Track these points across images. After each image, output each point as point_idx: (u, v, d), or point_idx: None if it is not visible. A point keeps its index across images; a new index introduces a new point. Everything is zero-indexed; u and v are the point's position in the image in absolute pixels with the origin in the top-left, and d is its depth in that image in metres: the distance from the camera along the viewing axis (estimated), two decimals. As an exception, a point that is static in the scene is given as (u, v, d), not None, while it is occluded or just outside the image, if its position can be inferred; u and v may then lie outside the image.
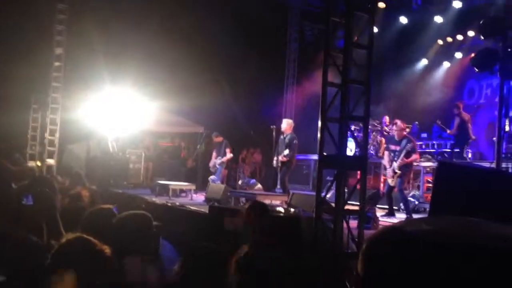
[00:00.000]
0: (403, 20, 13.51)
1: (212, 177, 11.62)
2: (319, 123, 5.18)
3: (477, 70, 7.18)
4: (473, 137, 11.47)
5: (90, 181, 9.98)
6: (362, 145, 5.41)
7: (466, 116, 11.41)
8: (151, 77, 13.00)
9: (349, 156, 5.98)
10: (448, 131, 11.88)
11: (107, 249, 2.25)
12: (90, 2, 12.98)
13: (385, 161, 9.07)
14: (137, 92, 12.87)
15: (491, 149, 11.78)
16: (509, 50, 6.58)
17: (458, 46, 14.11)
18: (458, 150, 11.38)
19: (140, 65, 12.70)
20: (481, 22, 6.91)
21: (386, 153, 9.08)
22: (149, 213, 3.45)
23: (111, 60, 12.59)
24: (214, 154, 11.97)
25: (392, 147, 8.86)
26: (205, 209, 7.55)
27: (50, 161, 12.91)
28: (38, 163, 12.66)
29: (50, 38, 13.05)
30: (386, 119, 12.96)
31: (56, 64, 13.17)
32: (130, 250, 3.04)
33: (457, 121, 11.35)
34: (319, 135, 5.18)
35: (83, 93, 12.63)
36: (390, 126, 12.19)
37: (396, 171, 8.52)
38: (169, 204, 8.70)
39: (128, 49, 12.96)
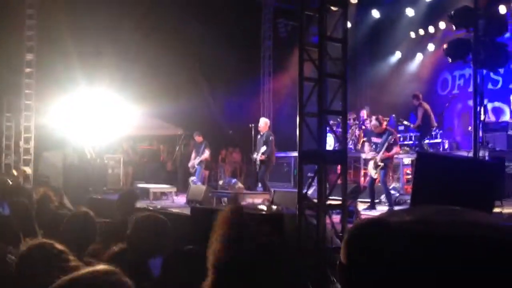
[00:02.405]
0: (376, 14, 13.63)
1: (192, 178, 11.55)
2: (298, 119, 5.17)
3: (450, 60, 7.26)
4: (435, 124, 11.37)
5: (68, 188, 9.82)
6: (341, 139, 5.42)
7: (426, 105, 11.30)
8: (127, 79, 12.82)
9: (329, 151, 5.99)
10: (412, 126, 11.63)
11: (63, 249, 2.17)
12: (61, 5, 12.71)
13: (366, 153, 9.11)
14: (113, 95, 12.69)
15: (467, 139, 11.97)
16: (481, 39, 6.67)
17: (430, 38, 14.31)
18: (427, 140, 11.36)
19: (116, 67, 12.52)
20: (452, 13, 6.99)
21: (366, 144, 9.12)
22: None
23: (85, 63, 12.37)
24: (193, 155, 11.91)
25: (374, 139, 8.91)
26: (187, 211, 7.48)
27: (27, 170, 12.65)
28: (15, 172, 12.38)
29: (21, 43, 12.77)
30: (364, 113, 13.06)
31: (28, 70, 12.90)
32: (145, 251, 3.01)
33: (420, 111, 11.21)
34: (297, 131, 5.16)
35: (57, 98, 12.39)
36: (369, 120, 12.29)
37: (379, 163, 8.58)
38: (150, 208, 8.59)
39: (103, 51, 12.76)
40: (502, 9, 11.47)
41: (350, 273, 0.90)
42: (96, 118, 12.67)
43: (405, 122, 11.98)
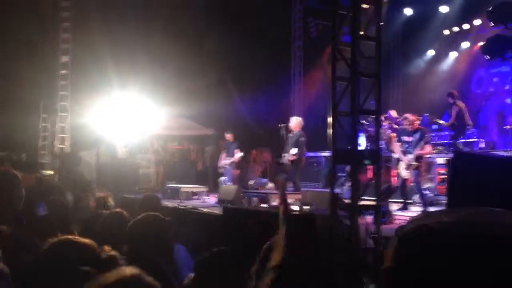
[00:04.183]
0: (408, 11, 13.40)
1: (222, 178, 11.58)
2: (329, 119, 5.11)
3: (488, 57, 7.08)
4: (471, 123, 11.06)
5: (101, 188, 10.00)
6: (374, 139, 5.33)
7: (461, 104, 11.03)
8: (158, 82, 13.01)
9: (363, 150, 5.90)
10: (446, 124, 11.44)
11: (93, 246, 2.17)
12: (94, 8, 12.99)
13: (397, 153, 8.94)
14: (145, 97, 12.88)
15: (503, 138, 11.63)
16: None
17: (465, 35, 13.99)
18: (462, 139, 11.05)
19: (147, 70, 12.72)
20: (490, 9, 6.80)
21: (397, 144, 8.96)
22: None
23: (118, 66, 12.61)
24: (223, 155, 11.94)
25: (405, 138, 8.75)
26: (218, 211, 7.50)
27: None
28: (51, 172, 12.70)
29: (56, 45, 13.09)
30: (393, 113, 12.84)
31: (63, 72, 13.20)
32: (146, 253, 2.99)
33: (455, 110, 10.92)
34: (330, 130, 5.11)
35: (91, 99, 12.66)
36: (400, 120, 12.07)
37: (412, 163, 8.42)
38: (181, 207, 8.66)
39: (135, 54, 12.97)
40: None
41: (398, 277, 0.90)
42: (128, 119, 12.88)
43: (439, 121, 11.72)
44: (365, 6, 6.29)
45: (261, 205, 7.67)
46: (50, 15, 13.03)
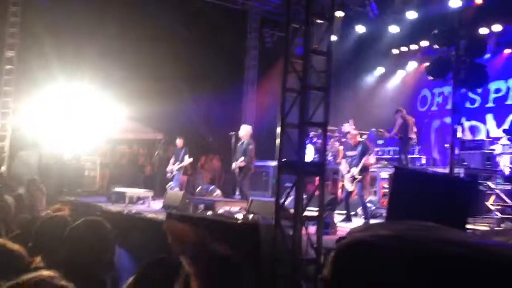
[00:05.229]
0: (360, 29, 13.81)
1: (170, 183, 11.45)
2: (278, 129, 5.18)
3: (431, 78, 7.40)
4: (414, 137, 11.46)
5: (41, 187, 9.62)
6: (321, 151, 5.44)
7: (409, 119, 11.42)
8: (109, 81, 12.69)
9: (308, 162, 6.01)
10: (388, 135, 11.77)
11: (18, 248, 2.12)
12: (43, 3, 12.55)
13: (343, 169, 9.21)
14: (94, 97, 12.55)
15: (443, 155, 12.17)
16: (461, 59, 6.81)
17: (412, 55, 14.59)
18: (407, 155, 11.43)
19: (97, 68, 12.37)
20: (435, 32, 7.13)
21: (343, 160, 9.25)
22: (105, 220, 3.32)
23: (65, 63, 12.21)
24: (172, 160, 11.83)
25: (349, 153, 9.04)
26: (163, 216, 7.40)
27: (1, 169, 12.40)
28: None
29: (2, 40, 12.58)
30: (346, 126, 13.16)
31: (7, 67, 12.69)
32: (84, 258, 2.91)
33: (398, 122, 11.32)
34: (278, 141, 5.17)
35: (35, 97, 12.19)
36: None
37: (356, 176, 8.66)
38: (125, 212, 8.49)
39: (85, 52, 12.59)
40: (484, 31, 11.77)
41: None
42: (75, 117, 12.49)
43: (383, 131, 12.12)
44: (318, 21, 6.45)
45: (207, 212, 7.64)
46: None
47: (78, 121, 12.55)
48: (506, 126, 11.62)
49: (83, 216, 4.12)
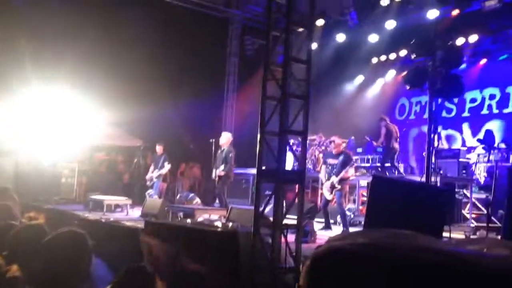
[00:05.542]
0: (341, 37, 13.94)
1: (149, 191, 11.34)
2: (258, 136, 5.18)
3: (408, 87, 7.50)
4: (396, 146, 11.72)
5: (19, 197, 9.41)
6: (300, 159, 5.46)
7: (393, 127, 11.71)
8: (88, 86, 12.50)
9: (288, 170, 6.02)
10: (375, 143, 12.16)
11: None
12: (20, 7, 12.33)
13: (322, 175, 9.25)
14: (72, 102, 12.36)
15: (420, 163, 12.35)
16: (437, 69, 6.93)
17: (391, 64, 14.78)
18: (388, 163, 11.66)
19: (75, 72, 12.19)
20: (412, 42, 7.24)
21: (323, 167, 9.27)
22: (82, 231, 3.27)
23: (43, 67, 12.00)
24: (151, 167, 11.72)
25: (330, 160, 9.06)
26: (141, 225, 7.31)
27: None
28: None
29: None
30: (321, 135, 13.29)
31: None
32: (61, 269, 2.86)
33: (383, 131, 11.59)
34: (258, 148, 5.17)
35: (11, 103, 11.95)
36: (327, 142, 12.48)
37: (336, 185, 8.70)
38: (103, 220, 8.37)
39: (63, 56, 12.39)
40: (460, 41, 12.00)
41: None
42: (52, 123, 12.28)
43: (374, 142, 12.27)
44: (299, 29, 6.49)
45: (187, 220, 7.58)
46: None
47: (56, 127, 12.35)
48: (480, 136, 11.85)
49: (59, 224, 4.05)
